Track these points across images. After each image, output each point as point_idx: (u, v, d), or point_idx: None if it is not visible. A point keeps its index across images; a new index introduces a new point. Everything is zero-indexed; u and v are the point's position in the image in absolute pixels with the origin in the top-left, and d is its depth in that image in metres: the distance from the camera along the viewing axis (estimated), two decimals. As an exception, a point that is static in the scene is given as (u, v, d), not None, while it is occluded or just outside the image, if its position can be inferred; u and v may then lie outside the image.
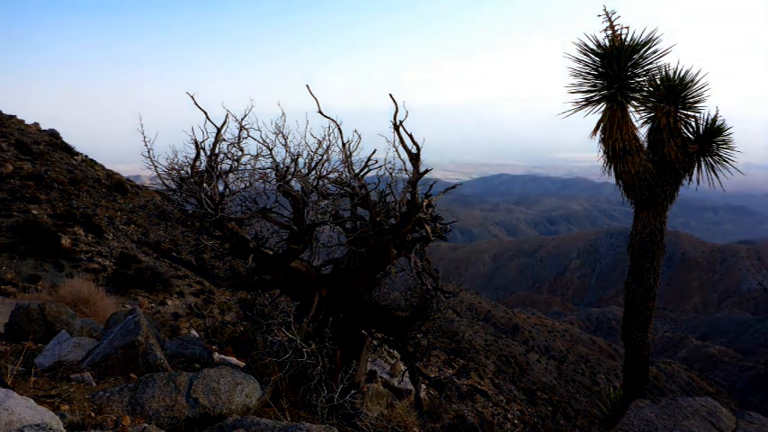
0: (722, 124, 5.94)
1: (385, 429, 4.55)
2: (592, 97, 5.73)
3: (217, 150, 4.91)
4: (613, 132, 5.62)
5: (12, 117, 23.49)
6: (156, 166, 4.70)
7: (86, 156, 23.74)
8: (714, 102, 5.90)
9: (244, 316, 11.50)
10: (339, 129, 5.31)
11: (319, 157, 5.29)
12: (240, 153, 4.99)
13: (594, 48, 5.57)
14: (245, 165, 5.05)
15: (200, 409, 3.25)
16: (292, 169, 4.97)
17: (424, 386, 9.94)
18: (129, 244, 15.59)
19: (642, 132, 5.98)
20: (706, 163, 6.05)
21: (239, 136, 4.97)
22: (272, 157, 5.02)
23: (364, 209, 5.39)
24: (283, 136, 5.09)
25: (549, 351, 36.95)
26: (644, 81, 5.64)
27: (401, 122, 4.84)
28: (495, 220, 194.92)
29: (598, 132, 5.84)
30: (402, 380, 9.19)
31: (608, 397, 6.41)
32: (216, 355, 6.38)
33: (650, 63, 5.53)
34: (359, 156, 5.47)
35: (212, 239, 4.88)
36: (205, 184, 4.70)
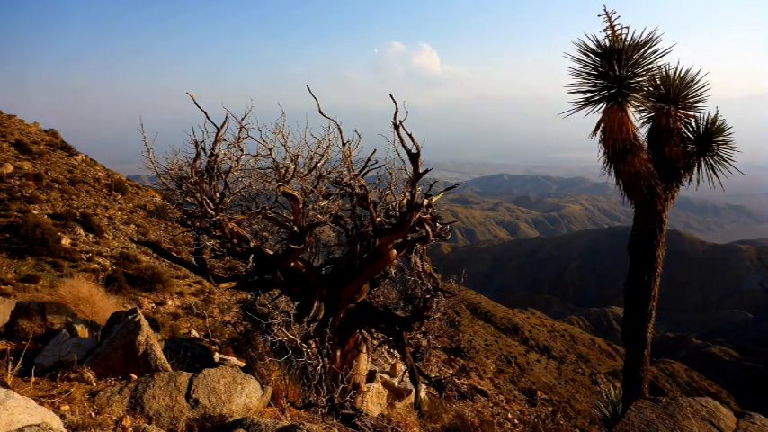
0: (722, 124, 5.94)
1: (385, 429, 4.55)
2: (592, 97, 5.73)
3: (216, 150, 4.91)
4: (613, 132, 5.61)
5: (12, 117, 23.49)
6: (156, 166, 4.70)
7: (86, 156, 23.73)
8: (714, 101, 5.91)
9: (244, 316, 11.50)
10: (339, 129, 5.32)
11: (319, 157, 5.29)
12: (240, 153, 4.99)
13: (594, 48, 5.57)
14: (244, 165, 5.05)
15: (201, 409, 3.25)
16: (292, 169, 4.96)
17: (424, 386, 9.93)
18: (129, 244, 15.58)
19: (642, 132, 5.98)
20: (706, 163, 6.05)
21: (239, 136, 4.97)
22: (272, 157, 5.02)
23: (364, 209, 5.39)
24: (283, 136, 5.09)
25: (549, 351, 36.92)
26: (644, 81, 5.64)
27: (401, 122, 4.84)
28: (495, 220, 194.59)
29: (598, 132, 5.84)
30: (402, 380, 9.19)
31: (608, 397, 6.41)
32: (216, 355, 6.38)
33: (650, 63, 5.52)
34: (359, 156, 5.47)
35: (212, 239, 4.88)
36: (205, 185, 4.70)
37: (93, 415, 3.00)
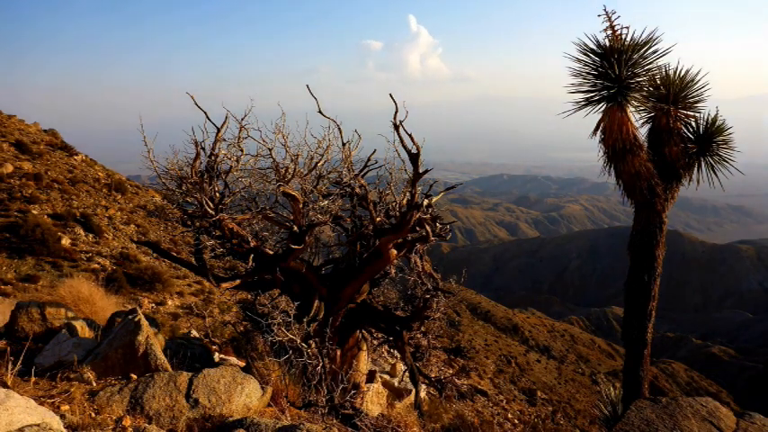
0: (722, 124, 5.95)
1: (385, 429, 4.55)
2: (592, 97, 5.73)
3: (216, 150, 4.91)
4: (613, 132, 5.61)
5: (12, 117, 23.49)
6: (155, 166, 4.70)
7: (86, 155, 23.73)
8: (714, 101, 5.91)
9: (244, 316, 11.50)
10: (339, 129, 5.32)
11: (319, 157, 5.30)
12: (240, 153, 4.99)
13: (594, 48, 5.57)
14: (244, 165, 5.05)
15: (201, 409, 3.25)
16: (292, 169, 4.97)
17: (424, 386, 9.93)
18: (129, 244, 15.59)
19: (642, 132, 5.98)
20: (706, 163, 6.05)
21: (239, 136, 4.97)
22: (272, 157, 5.02)
23: (364, 209, 5.39)
24: (283, 136, 5.09)
25: (549, 351, 36.92)
26: (644, 81, 5.64)
27: (401, 122, 4.84)
28: (495, 220, 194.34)
29: (598, 132, 5.84)
30: (402, 380, 9.19)
31: (608, 397, 6.41)
32: (216, 355, 6.37)
33: (650, 63, 5.53)
34: (359, 156, 5.47)
35: (212, 239, 4.88)
36: (205, 185, 4.70)
37: (93, 415, 3.00)
